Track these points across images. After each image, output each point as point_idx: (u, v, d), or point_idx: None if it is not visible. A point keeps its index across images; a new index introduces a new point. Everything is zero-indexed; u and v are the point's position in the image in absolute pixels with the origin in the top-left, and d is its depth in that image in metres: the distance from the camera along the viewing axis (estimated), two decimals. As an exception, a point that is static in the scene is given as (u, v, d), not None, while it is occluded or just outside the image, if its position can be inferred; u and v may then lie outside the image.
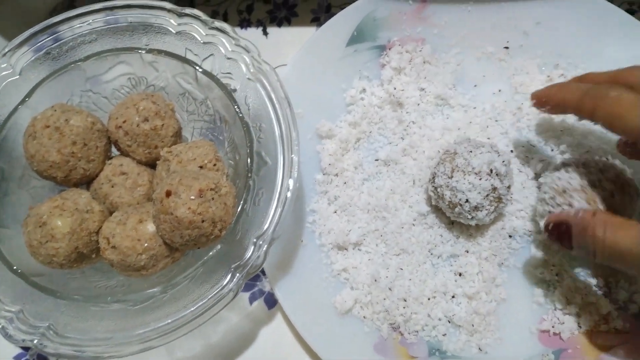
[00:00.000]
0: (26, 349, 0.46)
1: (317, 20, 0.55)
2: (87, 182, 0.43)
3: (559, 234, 0.37)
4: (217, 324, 0.45)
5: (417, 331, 0.44)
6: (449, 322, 0.44)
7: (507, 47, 0.52)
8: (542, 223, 0.39)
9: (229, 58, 0.42)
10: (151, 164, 0.44)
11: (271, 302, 0.46)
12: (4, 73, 0.42)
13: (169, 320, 0.36)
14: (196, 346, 0.45)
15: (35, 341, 0.35)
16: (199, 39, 0.43)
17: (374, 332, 0.43)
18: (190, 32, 0.43)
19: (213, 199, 0.37)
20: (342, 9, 0.51)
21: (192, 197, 0.36)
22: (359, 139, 0.49)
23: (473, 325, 0.43)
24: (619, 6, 0.50)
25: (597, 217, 0.34)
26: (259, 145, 0.41)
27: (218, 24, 0.43)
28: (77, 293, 0.38)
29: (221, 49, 0.43)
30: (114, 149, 0.45)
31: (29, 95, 0.42)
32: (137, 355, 0.44)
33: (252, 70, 0.42)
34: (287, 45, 0.54)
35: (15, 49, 0.43)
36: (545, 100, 0.41)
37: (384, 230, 0.46)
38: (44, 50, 0.43)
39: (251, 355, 0.45)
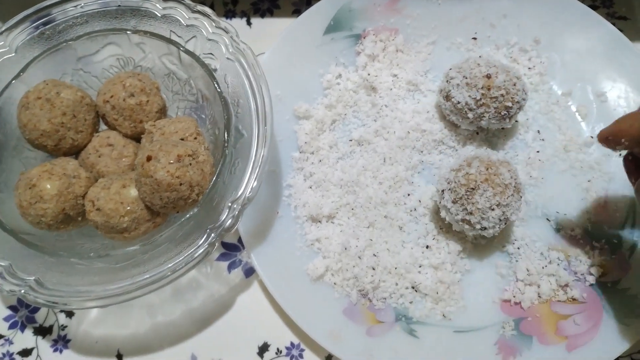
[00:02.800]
0: (15, 310, 0.48)
1: (298, 12, 0.59)
2: (75, 152, 0.46)
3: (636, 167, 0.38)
4: (197, 291, 0.48)
5: (385, 298, 0.46)
6: (416, 290, 0.46)
7: (475, 38, 0.55)
8: None
9: (210, 39, 0.46)
10: (136, 138, 0.47)
11: (248, 271, 0.49)
12: (0, 50, 0.45)
13: (147, 276, 0.39)
14: (176, 310, 0.47)
15: (22, 291, 0.38)
16: (183, 22, 0.46)
17: (344, 298, 0.46)
18: (175, 16, 0.46)
19: (191, 164, 0.40)
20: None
21: (171, 162, 0.39)
22: (334, 120, 0.52)
23: (438, 294, 0.46)
24: (582, 1, 0.53)
25: None
26: (237, 119, 0.44)
27: (200, 7, 0.46)
28: (63, 251, 0.40)
29: (203, 31, 0.46)
30: (102, 125, 0.48)
31: (23, 70, 0.45)
32: (120, 317, 0.47)
33: (231, 50, 0.45)
34: (270, 35, 0.57)
35: (11, 28, 0.46)
36: (609, 137, 0.37)
37: (355, 204, 0.48)
38: (39, 31, 0.46)
39: (229, 320, 0.47)
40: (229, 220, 0.40)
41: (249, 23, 0.59)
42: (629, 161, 0.40)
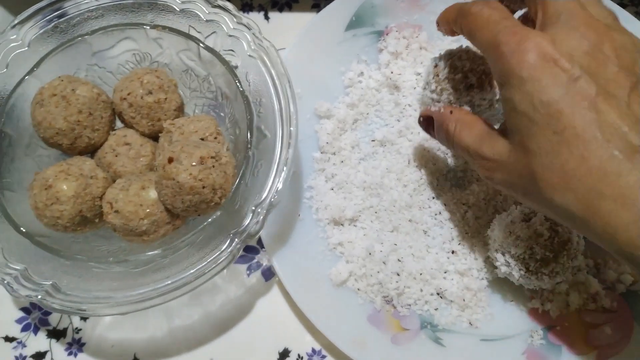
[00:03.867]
0: (28, 312, 0.47)
1: (317, 6, 0.57)
2: (91, 151, 0.44)
3: (426, 126, 0.41)
4: (215, 294, 0.46)
5: (410, 304, 0.45)
6: (441, 297, 0.45)
7: (501, 36, 0.53)
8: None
9: (230, 35, 0.44)
10: (154, 137, 0.45)
11: (268, 274, 0.47)
12: (13, 44, 0.44)
13: (169, 282, 0.37)
14: (194, 315, 0.46)
15: (38, 297, 0.36)
16: (202, 17, 0.44)
17: (368, 304, 0.44)
18: (194, 10, 0.45)
19: (214, 166, 0.38)
20: (342, -5, 0.52)
21: (194, 164, 0.37)
22: (356, 119, 0.51)
23: (464, 301, 0.44)
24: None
25: (453, 115, 0.37)
26: (259, 119, 0.42)
27: (221, 2, 0.44)
28: (80, 254, 0.39)
29: (223, 26, 0.44)
30: (118, 123, 0.46)
31: (37, 65, 0.43)
32: (136, 321, 0.46)
33: (253, 48, 0.43)
34: (288, 30, 0.55)
35: (24, 21, 0.44)
36: (438, 22, 0.40)
37: (379, 207, 0.47)
38: (52, 24, 0.45)
39: (247, 325, 0.46)
40: (254, 226, 0.38)
41: (266, 17, 0.57)
42: (422, 122, 0.42)
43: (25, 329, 0.46)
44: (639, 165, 0.26)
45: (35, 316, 0.46)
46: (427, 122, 0.41)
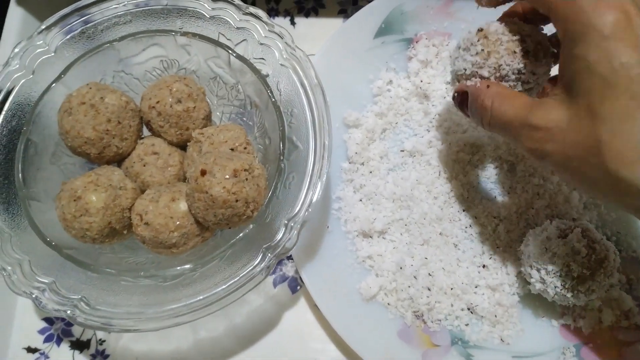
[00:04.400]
0: (51, 322, 0.46)
1: (344, 12, 0.56)
2: (118, 160, 0.43)
3: (460, 102, 0.37)
4: (241, 306, 0.46)
5: (440, 320, 0.44)
6: (472, 312, 0.44)
7: (532, 45, 0.52)
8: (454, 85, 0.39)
9: (262, 44, 0.43)
10: (181, 146, 0.44)
11: (295, 286, 0.47)
12: (39, 50, 0.43)
13: (201, 297, 0.37)
14: (220, 327, 0.45)
15: (68, 312, 0.35)
16: (233, 24, 0.43)
17: (398, 319, 0.44)
18: (224, 17, 0.44)
19: (247, 179, 0.37)
20: (370, 1, 0.51)
21: (227, 177, 0.36)
22: (385, 129, 0.50)
23: (496, 316, 0.43)
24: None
25: (490, 89, 0.34)
26: (290, 130, 0.41)
27: (252, 9, 0.43)
28: (109, 268, 0.38)
29: (254, 34, 0.43)
30: (144, 131, 0.45)
31: (64, 72, 0.42)
32: (161, 333, 0.45)
33: (285, 56, 0.42)
34: (314, 36, 0.55)
35: (51, 27, 0.43)
36: None
37: (409, 219, 0.46)
38: (79, 30, 0.44)
39: (274, 338, 0.45)
40: (288, 240, 0.38)
41: (292, 23, 0.56)
42: (457, 98, 0.38)
43: (48, 339, 0.45)
44: None
45: (58, 327, 0.46)
46: (462, 98, 0.37)
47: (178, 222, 0.38)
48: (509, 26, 0.35)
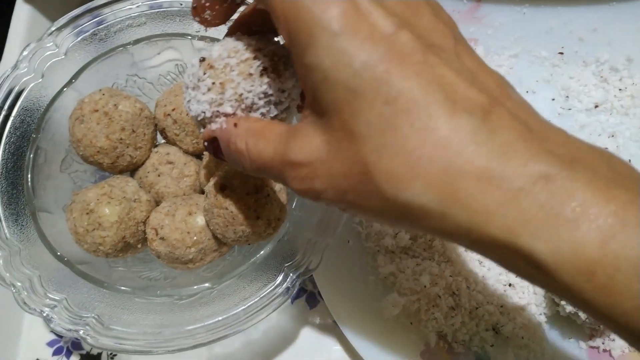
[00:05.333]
0: (60, 335, 0.44)
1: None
2: (132, 169, 0.41)
3: (215, 150, 0.28)
4: (257, 322, 0.44)
5: (465, 341, 0.42)
6: (497, 333, 0.43)
7: (561, 53, 0.50)
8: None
9: (283, 48, 0.41)
10: (197, 155, 0.43)
11: (313, 301, 0.45)
12: (49, 52, 0.41)
13: (220, 318, 0.35)
14: (235, 343, 0.43)
15: (81, 332, 0.34)
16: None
17: (421, 340, 0.42)
18: (244, 20, 0.42)
19: (269, 195, 0.35)
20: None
21: (249, 193, 0.35)
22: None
23: (523, 339, 0.42)
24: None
25: (239, 128, 0.26)
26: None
27: (274, 13, 0.41)
28: (123, 284, 0.36)
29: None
30: (158, 137, 0.43)
31: (75, 76, 0.40)
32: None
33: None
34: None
35: (61, 28, 0.41)
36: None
37: (432, 236, 0.44)
38: (91, 31, 0.42)
39: (292, 355, 0.43)
40: (310, 259, 0.36)
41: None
42: (209, 147, 0.29)
43: (57, 352, 0.44)
44: (498, 127, 0.19)
45: (68, 339, 0.44)
46: (215, 146, 0.28)
47: (195, 238, 0.37)
48: (234, 45, 0.27)
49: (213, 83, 0.27)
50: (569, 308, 0.39)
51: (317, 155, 0.22)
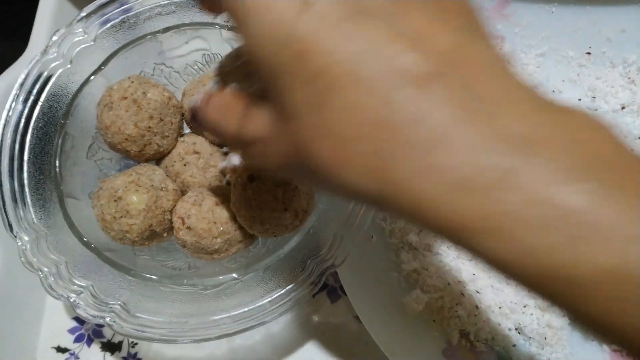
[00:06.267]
0: (81, 322, 0.44)
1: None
2: (158, 158, 0.41)
3: (195, 123, 0.28)
4: (278, 315, 0.44)
5: (487, 340, 0.42)
6: (519, 332, 0.42)
7: (589, 53, 0.50)
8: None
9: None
10: (222, 145, 0.42)
11: (334, 295, 0.45)
12: (77, 39, 0.41)
13: (246, 309, 0.35)
14: (256, 335, 0.43)
15: (107, 319, 0.34)
16: (282, 19, 0.41)
17: (443, 338, 0.42)
18: (274, 12, 0.41)
19: (297, 187, 0.35)
20: None
21: (277, 184, 0.34)
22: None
23: (546, 339, 0.42)
24: None
25: (212, 102, 0.26)
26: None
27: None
28: (147, 272, 0.36)
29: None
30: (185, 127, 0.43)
31: (104, 63, 0.40)
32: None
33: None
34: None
35: (90, 14, 0.41)
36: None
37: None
38: (120, 19, 0.42)
39: (312, 348, 0.43)
40: (336, 253, 0.36)
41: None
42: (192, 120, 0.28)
43: (78, 339, 0.44)
44: (436, 105, 0.17)
45: (89, 327, 0.44)
46: (195, 119, 0.28)
47: (222, 228, 0.36)
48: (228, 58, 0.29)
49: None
50: None
51: (264, 133, 0.21)
